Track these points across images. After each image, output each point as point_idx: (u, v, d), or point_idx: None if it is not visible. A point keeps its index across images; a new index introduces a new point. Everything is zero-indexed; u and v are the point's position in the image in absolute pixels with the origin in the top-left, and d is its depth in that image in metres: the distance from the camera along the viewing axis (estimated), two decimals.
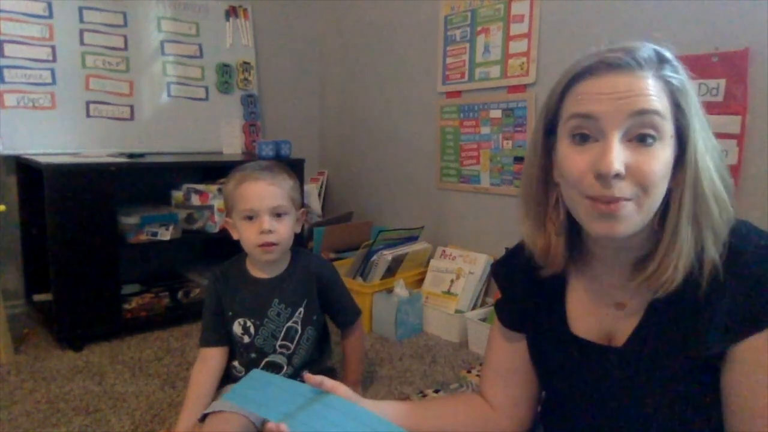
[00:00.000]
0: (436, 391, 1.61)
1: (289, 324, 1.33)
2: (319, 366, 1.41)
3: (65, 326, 1.87)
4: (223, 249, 1.93)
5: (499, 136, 2.18)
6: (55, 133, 2.20)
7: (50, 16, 2.19)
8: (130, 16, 2.39)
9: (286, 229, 1.28)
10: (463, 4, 2.27)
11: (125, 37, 2.38)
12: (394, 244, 2.25)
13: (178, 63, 2.53)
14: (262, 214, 1.24)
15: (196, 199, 2.20)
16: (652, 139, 0.62)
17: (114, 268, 1.95)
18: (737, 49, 1.51)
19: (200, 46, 2.60)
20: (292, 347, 1.33)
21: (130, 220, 2.00)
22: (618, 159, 0.61)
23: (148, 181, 2.38)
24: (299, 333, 1.33)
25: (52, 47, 2.19)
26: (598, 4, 1.84)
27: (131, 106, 2.40)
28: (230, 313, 1.32)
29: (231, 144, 2.68)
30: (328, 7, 3.02)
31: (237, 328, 1.32)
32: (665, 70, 0.64)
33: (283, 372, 1.33)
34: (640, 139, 0.62)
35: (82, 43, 2.26)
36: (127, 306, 2.08)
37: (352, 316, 1.48)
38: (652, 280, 0.65)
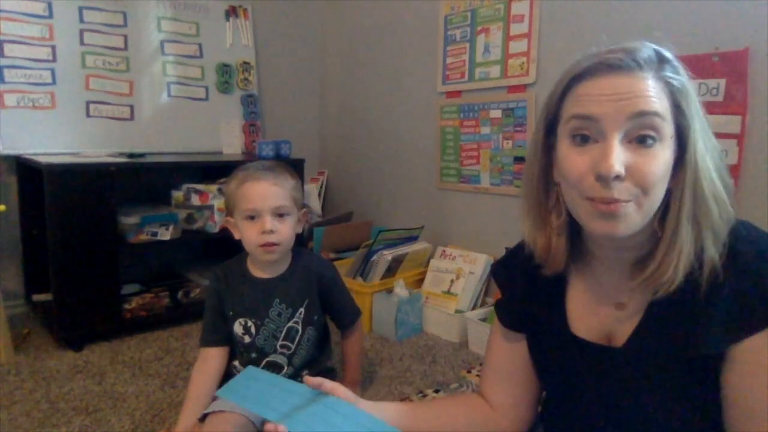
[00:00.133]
0: (436, 391, 1.61)
1: (290, 324, 1.33)
2: (320, 366, 1.41)
3: (65, 326, 1.87)
4: (223, 249, 1.92)
5: (499, 136, 2.18)
6: (55, 133, 2.20)
7: (50, 16, 2.19)
8: (130, 16, 2.38)
9: (287, 229, 1.28)
10: (463, 4, 2.27)
11: (125, 37, 2.37)
12: (394, 244, 2.25)
13: (178, 63, 2.53)
14: (264, 214, 1.24)
15: (196, 199, 2.20)
16: (652, 140, 0.62)
17: (114, 268, 1.95)
18: (737, 49, 1.51)
19: (200, 46, 2.60)
20: (293, 347, 1.33)
21: (130, 220, 2.00)
22: (618, 160, 0.61)
23: (148, 181, 2.38)
24: (300, 333, 1.33)
25: (52, 47, 2.19)
26: (598, 4, 1.84)
27: (131, 106, 2.40)
28: (231, 313, 1.32)
29: (231, 144, 2.68)
30: (328, 7, 3.02)
31: (238, 327, 1.32)
32: (666, 70, 0.64)
33: (284, 372, 1.33)
34: (640, 141, 0.62)
35: (82, 43, 2.26)
36: (127, 306, 2.08)
37: (353, 317, 1.49)
38: (652, 280, 0.66)
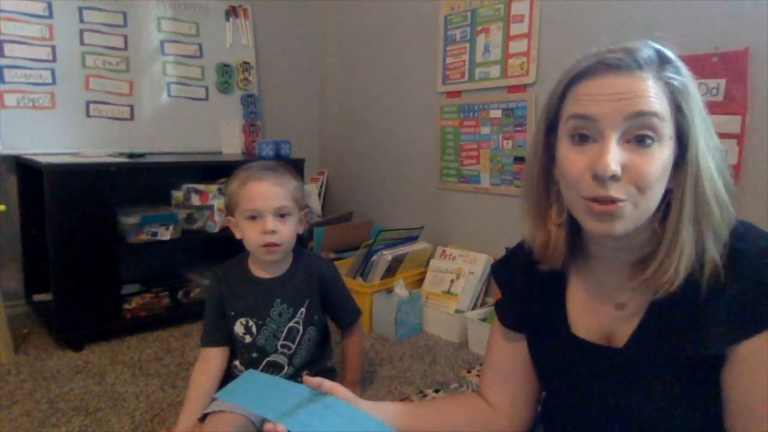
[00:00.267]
0: (436, 391, 1.61)
1: (291, 324, 1.33)
2: (320, 366, 1.41)
3: (65, 326, 1.87)
4: (223, 249, 1.92)
5: (499, 136, 2.18)
6: (55, 133, 2.20)
7: (50, 16, 2.19)
8: (130, 16, 2.38)
9: (289, 229, 1.28)
10: (463, 4, 2.27)
11: (125, 37, 2.37)
12: (394, 244, 2.25)
13: (178, 63, 2.53)
14: (266, 215, 1.24)
15: (196, 199, 2.20)
16: (651, 140, 0.62)
17: (114, 268, 1.95)
18: (737, 49, 1.51)
19: (200, 46, 2.60)
20: (294, 347, 1.33)
21: (130, 220, 2.00)
22: (614, 160, 0.61)
23: (148, 181, 2.38)
24: (301, 333, 1.33)
25: (52, 47, 2.19)
26: (598, 4, 1.84)
27: (131, 106, 2.40)
28: (232, 313, 1.32)
29: (231, 144, 2.68)
30: (328, 7, 3.02)
31: (239, 327, 1.32)
32: (666, 71, 0.64)
33: (284, 372, 1.33)
34: (639, 141, 0.62)
35: (82, 43, 2.26)
36: (127, 306, 2.08)
37: (353, 317, 1.49)
38: (653, 280, 0.66)
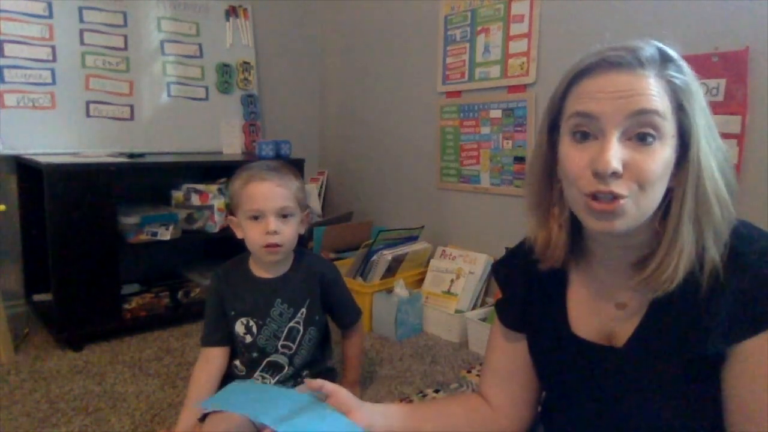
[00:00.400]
0: (436, 391, 1.61)
1: (292, 324, 1.33)
2: (320, 366, 1.41)
3: (65, 326, 1.87)
4: (223, 249, 1.93)
5: (499, 136, 2.18)
6: (55, 133, 2.20)
7: (50, 16, 2.18)
8: (130, 16, 2.38)
9: (291, 230, 1.28)
10: (463, 4, 2.27)
11: (125, 37, 2.37)
12: (394, 244, 2.25)
13: (178, 63, 2.53)
14: (268, 215, 1.24)
15: (196, 199, 2.20)
16: (652, 138, 0.62)
17: (114, 268, 1.95)
18: (737, 49, 1.51)
19: (200, 46, 2.60)
20: (294, 347, 1.33)
21: (130, 220, 2.00)
22: (615, 158, 0.61)
23: (148, 181, 2.38)
24: (301, 333, 1.33)
25: (52, 47, 2.19)
26: (598, 4, 1.84)
27: (131, 106, 2.39)
28: (233, 313, 1.32)
29: (231, 144, 2.67)
30: (328, 7, 3.02)
31: (239, 327, 1.32)
32: (668, 69, 0.64)
33: (284, 372, 1.33)
34: (640, 138, 0.62)
35: (82, 43, 2.26)
36: (127, 306, 2.08)
37: (354, 317, 1.49)
38: (653, 279, 0.65)
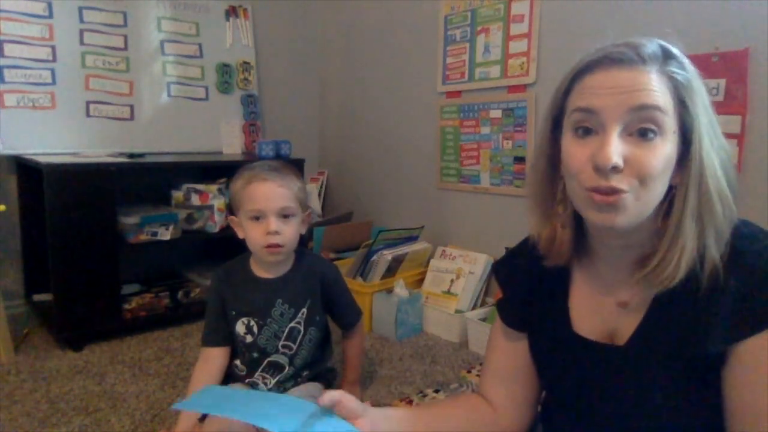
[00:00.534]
0: (436, 391, 1.61)
1: (292, 324, 1.33)
2: (320, 367, 1.41)
3: (65, 326, 1.87)
4: (223, 249, 1.93)
5: (499, 136, 2.18)
6: (55, 133, 2.19)
7: (50, 16, 2.18)
8: (130, 16, 2.38)
9: (292, 230, 1.28)
10: (463, 4, 2.27)
11: (125, 37, 2.37)
12: (394, 244, 2.25)
13: (178, 63, 2.53)
14: (269, 215, 1.24)
15: (196, 199, 2.20)
16: (653, 133, 0.62)
17: (114, 268, 1.95)
18: (737, 49, 1.51)
19: (200, 46, 2.60)
20: (295, 348, 1.33)
21: (130, 220, 2.00)
22: (616, 152, 0.61)
23: (148, 181, 2.38)
24: (302, 333, 1.33)
25: (52, 47, 2.19)
26: (598, 4, 1.84)
27: (131, 106, 2.39)
28: (233, 313, 1.32)
29: (231, 144, 2.67)
30: (328, 7, 3.02)
31: (240, 327, 1.32)
32: (670, 65, 0.64)
33: (285, 372, 1.33)
34: (641, 134, 0.62)
35: (82, 43, 2.26)
36: (127, 306, 2.08)
37: (354, 318, 1.49)
38: (654, 275, 0.65)
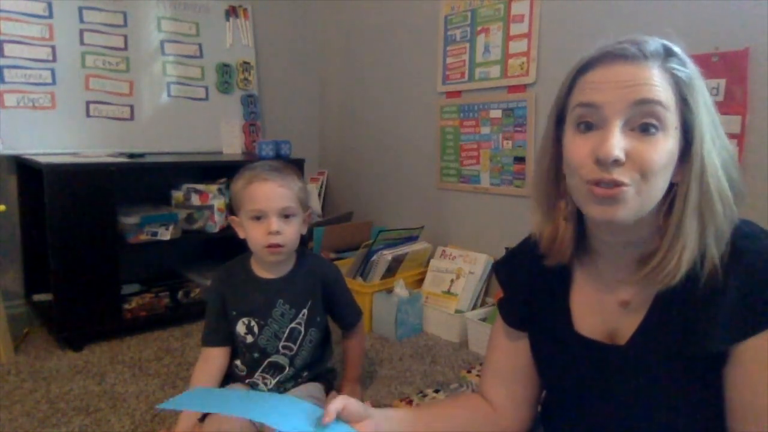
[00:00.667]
0: (436, 391, 1.61)
1: (293, 325, 1.32)
2: (320, 367, 1.41)
3: (65, 326, 1.87)
4: (224, 249, 1.93)
5: (499, 136, 2.18)
6: (55, 133, 2.19)
7: (50, 16, 2.18)
8: (130, 16, 2.38)
9: (293, 230, 1.28)
10: (463, 4, 2.27)
11: (125, 37, 2.37)
12: (394, 244, 2.25)
13: (178, 63, 2.53)
14: (270, 215, 1.24)
15: (196, 199, 2.20)
16: (655, 128, 0.62)
17: (114, 268, 1.95)
18: (737, 49, 1.51)
19: (200, 46, 2.60)
20: (295, 348, 1.33)
21: (130, 220, 2.00)
22: (617, 146, 0.61)
23: (148, 181, 2.38)
24: (302, 334, 1.33)
25: (52, 47, 2.19)
26: (598, 4, 1.84)
27: (131, 106, 2.39)
28: (234, 313, 1.32)
29: (231, 144, 2.67)
30: (328, 7, 3.02)
31: (241, 327, 1.31)
32: (672, 62, 0.64)
33: (285, 372, 1.33)
34: (643, 129, 0.63)
35: (82, 43, 2.26)
36: (127, 306, 2.08)
37: (355, 317, 1.49)
38: (655, 273, 0.66)
